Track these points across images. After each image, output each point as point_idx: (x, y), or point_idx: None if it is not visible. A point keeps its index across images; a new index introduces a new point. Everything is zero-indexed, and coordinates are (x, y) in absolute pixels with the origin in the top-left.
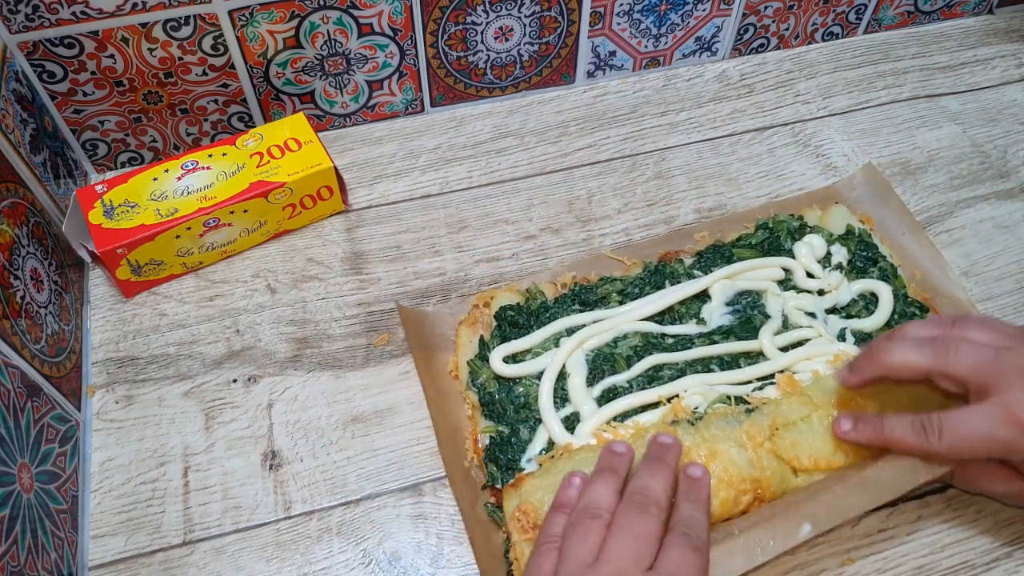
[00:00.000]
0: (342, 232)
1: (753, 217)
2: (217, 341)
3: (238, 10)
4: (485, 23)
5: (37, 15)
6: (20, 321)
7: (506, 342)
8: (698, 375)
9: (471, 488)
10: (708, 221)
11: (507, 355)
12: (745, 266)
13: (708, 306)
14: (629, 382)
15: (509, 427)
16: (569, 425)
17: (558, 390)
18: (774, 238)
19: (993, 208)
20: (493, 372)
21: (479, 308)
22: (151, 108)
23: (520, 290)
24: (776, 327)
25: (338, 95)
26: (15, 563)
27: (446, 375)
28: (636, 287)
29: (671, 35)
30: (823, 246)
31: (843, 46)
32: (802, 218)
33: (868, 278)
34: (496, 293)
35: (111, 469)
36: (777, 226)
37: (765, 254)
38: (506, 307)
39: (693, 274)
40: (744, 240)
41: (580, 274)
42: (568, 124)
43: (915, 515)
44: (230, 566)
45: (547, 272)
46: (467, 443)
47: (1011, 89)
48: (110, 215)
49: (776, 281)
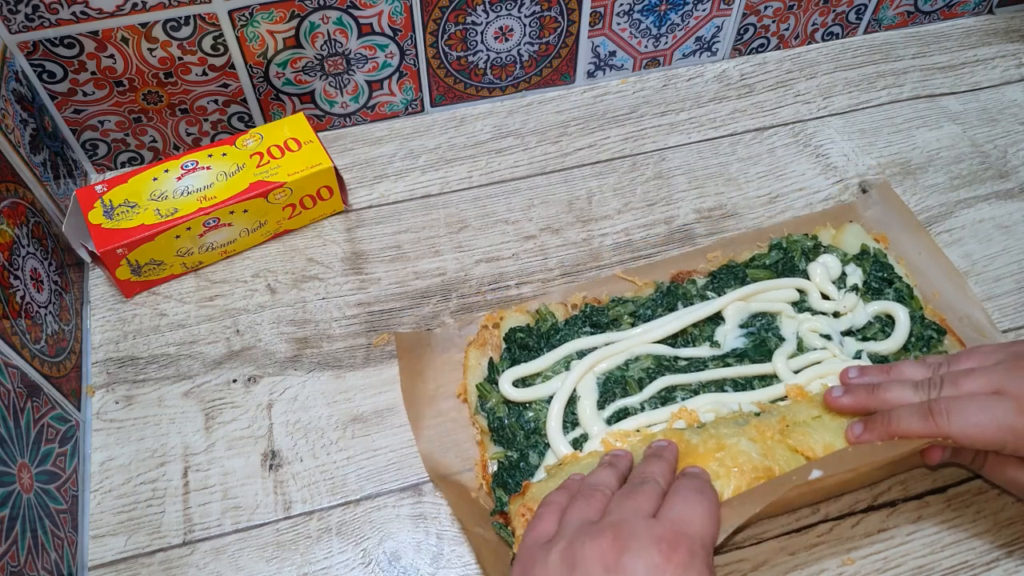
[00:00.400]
0: (342, 232)
1: (766, 236)
2: (217, 341)
3: (238, 10)
4: (485, 23)
5: (37, 15)
6: (20, 321)
7: (516, 365)
8: (711, 394)
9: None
10: (721, 240)
11: (517, 379)
12: (759, 287)
13: (722, 328)
14: (641, 404)
15: (518, 452)
16: (577, 447)
17: (568, 414)
18: (788, 258)
19: (993, 208)
20: (503, 396)
21: (488, 329)
22: (151, 108)
23: (530, 311)
24: (791, 350)
25: (338, 95)
26: (15, 563)
27: (444, 406)
28: (648, 308)
29: (671, 35)
30: (838, 266)
31: (843, 46)
32: (816, 237)
33: (884, 299)
34: (506, 314)
35: (111, 469)
36: (791, 246)
37: (779, 275)
38: (516, 329)
39: (706, 295)
40: (758, 260)
41: (591, 295)
42: (568, 124)
43: (915, 515)
44: (230, 566)
45: (557, 292)
46: (476, 468)
47: (1011, 89)
48: (110, 215)
49: (791, 303)
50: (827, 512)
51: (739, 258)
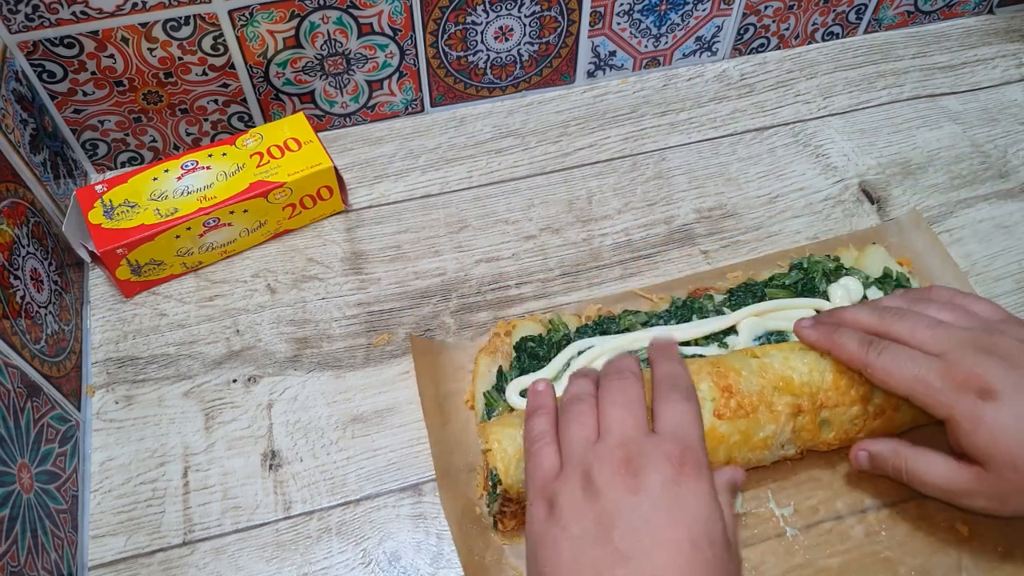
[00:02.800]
0: (342, 232)
1: (788, 256)
2: (217, 341)
3: (238, 10)
4: (485, 23)
5: (37, 15)
6: (20, 321)
7: (524, 374)
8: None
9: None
10: (742, 262)
11: (524, 389)
12: (775, 305)
13: (734, 339)
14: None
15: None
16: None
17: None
18: (808, 279)
19: (993, 208)
20: (509, 405)
21: (500, 336)
22: (151, 108)
23: (543, 320)
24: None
25: (338, 95)
26: (15, 563)
27: (457, 413)
28: (661, 319)
29: (671, 35)
30: (859, 289)
31: (843, 46)
32: (838, 259)
33: None
34: (518, 322)
35: (111, 469)
36: (812, 267)
37: (799, 294)
38: (526, 338)
39: (722, 311)
40: (777, 280)
41: (605, 308)
42: (568, 124)
43: (916, 515)
44: (230, 566)
45: (572, 306)
46: (478, 479)
47: (1011, 89)
48: (110, 215)
49: None
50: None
51: (759, 278)
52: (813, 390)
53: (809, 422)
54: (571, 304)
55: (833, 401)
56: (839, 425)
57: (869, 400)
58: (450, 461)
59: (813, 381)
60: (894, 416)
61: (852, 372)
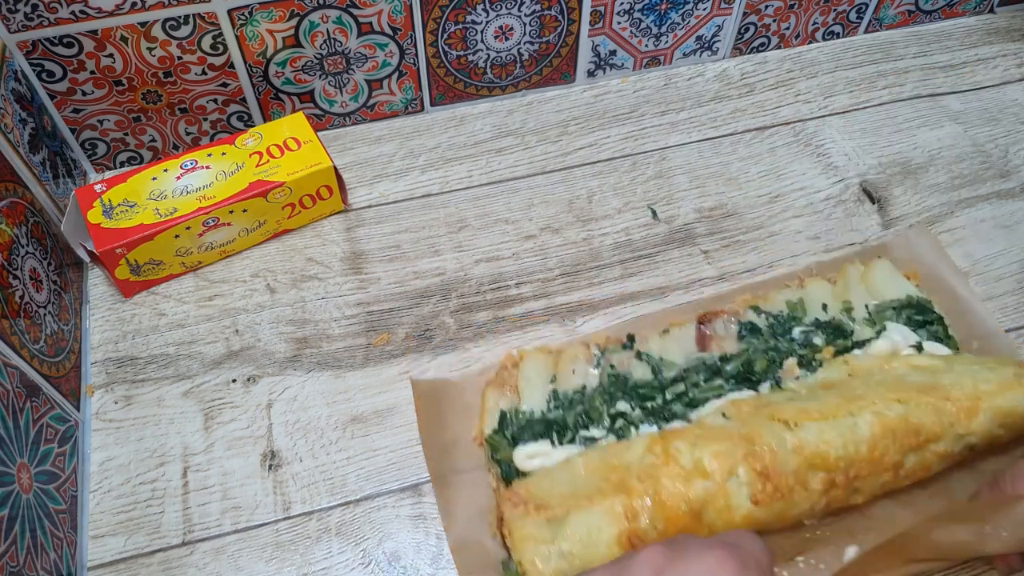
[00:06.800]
0: (342, 232)
1: (795, 278)
2: (216, 341)
3: (237, 9)
4: (485, 22)
5: (36, 14)
6: (19, 321)
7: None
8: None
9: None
10: (750, 284)
11: (533, 453)
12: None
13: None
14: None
15: None
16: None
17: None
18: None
19: (994, 208)
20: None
21: (507, 369)
22: (150, 107)
23: (553, 351)
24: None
25: (338, 94)
26: (14, 563)
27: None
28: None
29: (671, 34)
30: (911, 335)
31: (844, 45)
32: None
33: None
34: (525, 353)
35: (110, 469)
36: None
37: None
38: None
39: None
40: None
41: (614, 335)
42: (568, 123)
43: None
44: (229, 566)
45: (579, 334)
46: (491, 517)
47: (1012, 88)
48: (109, 215)
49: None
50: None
51: (767, 300)
52: (847, 463)
53: (842, 493)
54: (571, 303)
55: (867, 471)
56: (869, 491)
57: (901, 466)
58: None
59: (848, 455)
60: (924, 477)
61: (886, 440)
